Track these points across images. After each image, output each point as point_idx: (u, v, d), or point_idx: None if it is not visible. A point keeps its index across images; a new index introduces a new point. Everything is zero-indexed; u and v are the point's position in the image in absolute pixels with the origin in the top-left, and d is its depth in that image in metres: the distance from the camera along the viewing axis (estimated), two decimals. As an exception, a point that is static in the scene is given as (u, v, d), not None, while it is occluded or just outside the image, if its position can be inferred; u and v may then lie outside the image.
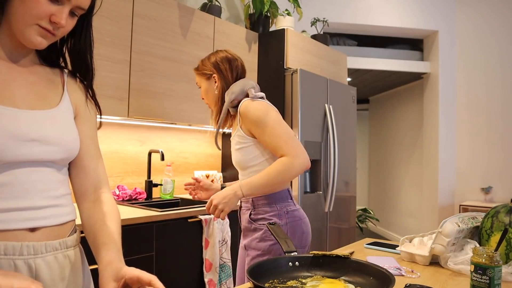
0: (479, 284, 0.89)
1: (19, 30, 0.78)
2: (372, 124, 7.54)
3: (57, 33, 0.81)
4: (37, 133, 0.80)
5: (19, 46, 0.84)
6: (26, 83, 0.84)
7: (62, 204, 0.87)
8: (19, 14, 0.77)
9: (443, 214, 4.82)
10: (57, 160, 0.85)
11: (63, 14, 0.78)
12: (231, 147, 1.56)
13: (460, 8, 4.94)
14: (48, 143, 0.82)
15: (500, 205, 1.21)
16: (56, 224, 0.85)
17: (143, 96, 2.36)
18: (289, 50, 3.07)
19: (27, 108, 0.81)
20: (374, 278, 0.94)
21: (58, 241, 0.85)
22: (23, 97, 0.82)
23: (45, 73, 0.90)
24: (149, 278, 0.71)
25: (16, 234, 0.78)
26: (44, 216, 0.82)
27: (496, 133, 4.62)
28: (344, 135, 3.37)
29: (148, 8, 2.39)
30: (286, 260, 1.02)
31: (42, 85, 0.87)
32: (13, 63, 0.84)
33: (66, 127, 0.87)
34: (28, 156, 0.79)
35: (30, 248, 0.79)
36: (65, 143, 0.85)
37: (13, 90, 0.81)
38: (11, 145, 0.76)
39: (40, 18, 0.77)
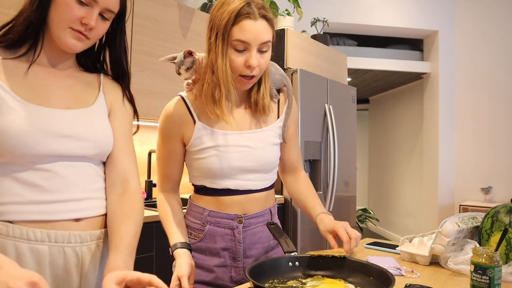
0: (479, 284, 0.89)
1: (56, 35, 0.87)
2: (372, 124, 7.54)
3: (89, 36, 0.88)
4: (70, 130, 0.88)
5: (59, 53, 0.92)
6: (63, 85, 0.93)
7: (100, 196, 0.94)
8: (55, 20, 0.86)
9: (443, 214, 4.82)
10: (90, 155, 0.92)
11: (93, 16, 0.86)
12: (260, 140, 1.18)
13: (460, 8, 4.94)
14: (81, 139, 0.89)
15: (500, 205, 1.21)
16: (98, 214, 0.93)
17: (143, 96, 2.36)
18: (289, 50, 3.07)
19: (63, 107, 0.90)
20: (374, 278, 0.94)
21: (101, 230, 0.94)
22: (60, 98, 0.90)
23: (82, 77, 0.98)
24: (148, 278, 0.73)
25: (63, 224, 0.86)
26: (86, 208, 0.90)
27: (496, 133, 4.62)
28: (344, 135, 3.37)
29: (148, 8, 2.39)
30: (286, 260, 1.02)
31: (79, 87, 0.96)
32: (53, 68, 0.93)
33: (99, 124, 0.94)
34: (61, 150, 0.86)
35: (77, 237, 0.88)
36: (97, 139, 0.92)
37: (51, 92, 0.90)
38: (46, 140, 0.83)
39: (72, 21, 0.85)
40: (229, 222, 1.16)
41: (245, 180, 1.16)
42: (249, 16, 1.04)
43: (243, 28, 1.04)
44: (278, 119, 1.24)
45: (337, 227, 1.13)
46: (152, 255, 2.03)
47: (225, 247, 1.16)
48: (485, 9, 4.75)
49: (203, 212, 1.17)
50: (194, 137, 1.15)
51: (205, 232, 1.16)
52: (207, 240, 1.16)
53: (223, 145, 1.14)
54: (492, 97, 4.67)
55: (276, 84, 1.25)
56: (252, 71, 1.08)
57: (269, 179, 1.22)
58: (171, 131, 1.17)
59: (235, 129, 1.16)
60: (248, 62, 1.07)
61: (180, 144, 1.18)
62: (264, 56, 1.09)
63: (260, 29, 1.05)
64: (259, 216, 1.20)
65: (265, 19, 1.07)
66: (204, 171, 1.15)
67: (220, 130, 1.15)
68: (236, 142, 1.15)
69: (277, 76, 1.24)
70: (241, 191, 1.16)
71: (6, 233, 0.81)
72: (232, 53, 1.07)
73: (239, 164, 1.14)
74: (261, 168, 1.18)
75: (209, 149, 1.14)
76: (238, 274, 1.17)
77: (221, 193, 1.16)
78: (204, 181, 1.17)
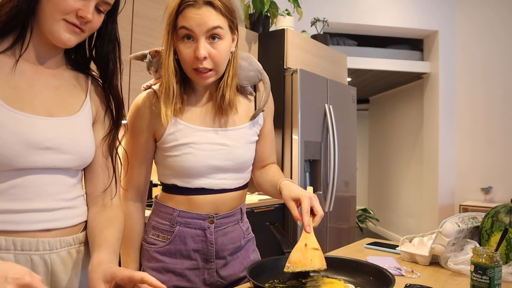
0: (479, 284, 0.89)
1: (48, 28, 0.79)
2: (372, 124, 7.54)
3: (84, 29, 0.82)
4: (52, 142, 0.81)
5: (49, 48, 0.85)
6: (49, 87, 0.85)
7: (74, 206, 0.88)
8: (47, 12, 0.78)
9: (443, 214, 4.81)
10: (70, 167, 0.86)
11: (89, 8, 0.80)
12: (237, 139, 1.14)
13: (460, 8, 4.94)
14: (63, 151, 0.83)
15: (500, 205, 1.21)
16: (71, 225, 0.87)
17: (143, 96, 2.36)
18: (289, 50, 3.07)
19: (46, 115, 0.82)
20: (374, 278, 0.94)
21: (72, 236, 0.87)
22: (44, 102, 0.83)
23: (69, 78, 0.91)
24: (140, 276, 0.70)
25: (31, 234, 0.80)
26: (57, 218, 0.84)
27: (496, 133, 4.62)
28: (344, 135, 3.37)
29: (148, 8, 2.39)
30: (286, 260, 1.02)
31: (65, 90, 0.88)
32: (40, 65, 0.85)
33: (83, 135, 0.88)
34: (41, 163, 0.80)
35: (46, 244, 0.82)
36: (80, 152, 0.86)
37: (35, 94, 0.82)
38: (25, 152, 0.77)
39: (66, 12, 0.78)
40: (200, 222, 1.10)
41: (219, 179, 1.11)
42: (191, 4, 0.99)
43: (186, 16, 1.00)
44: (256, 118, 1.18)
45: (302, 196, 1.02)
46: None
47: (197, 248, 1.10)
48: (485, 9, 4.75)
49: (173, 213, 1.10)
50: (167, 132, 1.08)
51: (174, 233, 1.10)
52: (177, 242, 1.10)
53: (198, 142, 1.08)
54: (492, 97, 4.67)
55: (251, 81, 1.18)
56: (202, 63, 1.01)
57: (244, 178, 1.17)
58: (142, 125, 1.10)
59: (210, 126, 1.11)
60: (195, 53, 1.00)
61: (151, 139, 1.12)
62: (217, 47, 1.02)
63: (204, 15, 0.99)
64: (230, 216, 1.15)
65: (210, 6, 1.00)
66: (177, 169, 1.08)
67: (195, 126, 1.10)
68: (211, 139, 1.10)
69: (252, 72, 1.17)
70: (215, 190, 1.11)
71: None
72: (181, 44, 1.02)
73: (215, 162, 1.09)
74: (237, 167, 1.13)
75: (183, 146, 1.07)
76: (211, 277, 1.12)
77: (194, 193, 1.10)
78: (175, 180, 1.10)
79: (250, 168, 1.20)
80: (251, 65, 1.17)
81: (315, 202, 1.02)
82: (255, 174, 1.28)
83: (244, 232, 1.20)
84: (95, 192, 0.94)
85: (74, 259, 0.87)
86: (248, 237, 1.22)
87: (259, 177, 1.26)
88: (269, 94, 1.21)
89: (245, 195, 1.24)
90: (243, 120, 1.16)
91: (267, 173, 1.23)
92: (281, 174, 1.21)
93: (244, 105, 1.17)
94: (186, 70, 1.06)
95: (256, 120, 1.18)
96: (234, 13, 1.06)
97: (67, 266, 0.86)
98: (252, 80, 1.18)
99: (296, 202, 1.04)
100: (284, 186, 1.10)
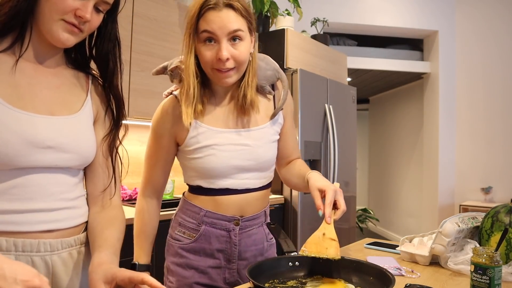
0: (479, 284, 0.89)
1: (47, 28, 0.79)
2: (372, 124, 7.54)
3: (83, 29, 0.81)
4: (53, 141, 0.81)
5: (48, 48, 0.84)
6: (50, 86, 0.85)
7: (76, 206, 0.88)
8: (46, 12, 0.78)
9: (443, 214, 4.81)
10: (72, 166, 0.86)
11: (88, 8, 0.79)
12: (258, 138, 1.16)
13: (460, 8, 4.94)
14: (64, 150, 0.83)
15: (500, 205, 1.21)
16: (70, 226, 0.87)
17: (143, 96, 2.36)
18: (289, 50, 3.07)
19: (47, 113, 0.82)
20: (374, 278, 0.94)
21: (73, 237, 0.87)
22: (45, 101, 0.83)
23: (70, 76, 0.90)
24: (140, 277, 0.70)
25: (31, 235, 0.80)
26: (58, 219, 0.83)
27: (496, 133, 4.62)
28: (344, 135, 3.37)
29: (148, 8, 2.39)
30: (286, 260, 1.02)
31: (66, 88, 0.88)
32: (40, 64, 0.85)
33: (84, 134, 0.88)
34: (42, 162, 0.80)
35: (47, 245, 0.81)
36: (81, 151, 0.86)
37: (36, 93, 0.82)
38: (27, 151, 0.77)
39: (65, 12, 0.78)
40: (225, 224, 1.13)
41: (243, 179, 1.13)
42: (212, 7, 1.02)
43: (207, 19, 1.02)
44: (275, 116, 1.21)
45: (328, 187, 1.05)
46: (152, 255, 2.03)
47: (220, 248, 1.14)
48: (485, 9, 4.75)
49: (200, 212, 1.14)
50: (190, 136, 1.11)
51: (200, 232, 1.13)
52: (202, 240, 1.13)
53: (220, 143, 1.11)
54: (492, 97, 4.67)
55: (269, 80, 1.20)
56: (224, 64, 1.03)
57: (267, 177, 1.20)
58: (164, 129, 1.14)
59: (231, 127, 1.14)
60: (218, 54, 1.02)
61: (172, 143, 1.15)
62: (238, 48, 1.04)
63: (225, 18, 1.01)
64: (255, 219, 1.18)
65: (231, 8, 1.02)
66: (201, 171, 1.12)
67: (217, 128, 1.12)
68: (233, 140, 1.12)
69: (269, 72, 1.19)
70: (239, 190, 1.14)
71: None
72: (202, 46, 1.04)
73: (237, 163, 1.11)
74: (259, 167, 1.15)
75: (205, 148, 1.10)
76: (232, 276, 1.15)
77: (218, 193, 1.13)
78: (200, 181, 1.14)
79: (272, 167, 1.23)
80: (268, 65, 1.19)
81: (340, 196, 1.05)
82: (281, 171, 1.31)
83: (267, 236, 1.23)
84: (95, 192, 0.93)
85: (75, 260, 0.87)
86: (270, 241, 1.24)
87: (285, 173, 1.30)
88: (288, 92, 1.23)
89: (269, 196, 1.26)
90: (264, 120, 1.18)
91: (294, 168, 1.26)
92: (307, 167, 1.23)
93: (264, 104, 1.19)
94: (208, 72, 1.08)
95: (276, 118, 1.21)
96: (252, 15, 1.09)
97: (68, 267, 0.86)
98: (270, 79, 1.20)
99: (321, 192, 1.06)
100: (311, 176, 1.13)
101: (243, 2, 1.06)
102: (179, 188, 2.88)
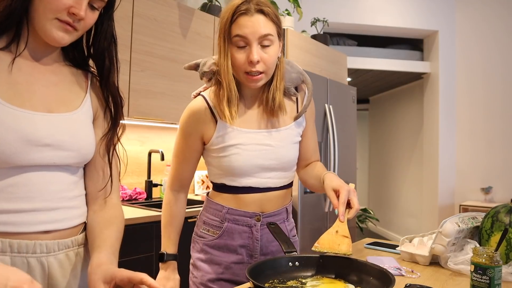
0: (479, 284, 0.89)
1: (41, 28, 0.79)
2: (372, 124, 7.54)
3: (78, 27, 0.81)
4: (51, 138, 0.80)
5: (44, 46, 0.84)
6: (48, 83, 0.85)
7: (75, 206, 0.88)
8: (40, 11, 0.78)
9: (443, 214, 4.82)
10: (70, 164, 0.85)
11: (82, 6, 0.79)
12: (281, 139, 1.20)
13: (460, 8, 4.94)
14: (62, 148, 0.82)
15: (500, 205, 1.21)
16: (68, 227, 0.86)
17: (143, 96, 2.36)
18: (289, 50, 3.07)
19: (46, 111, 0.82)
20: (374, 278, 0.94)
21: (70, 239, 0.86)
22: (43, 98, 0.82)
23: (69, 74, 0.90)
24: (139, 277, 0.70)
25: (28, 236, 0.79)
26: (57, 219, 0.83)
27: (496, 133, 4.62)
28: (344, 135, 3.37)
29: (148, 8, 2.40)
30: (286, 260, 1.02)
31: (65, 86, 0.88)
32: (38, 62, 0.85)
33: (83, 132, 0.87)
34: (41, 160, 0.79)
35: (43, 246, 0.80)
36: (80, 149, 0.85)
37: (34, 91, 0.81)
38: (24, 149, 0.76)
39: (58, 11, 0.77)
40: (247, 220, 1.18)
41: (265, 178, 1.18)
42: (245, 12, 1.07)
43: (240, 24, 1.07)
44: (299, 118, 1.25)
45: (342, 187, 1.07)
46: (152, 255, 2.04)
47: (243, 244, 1.19)
48: (485, 9, 4.75)
49: (222, 210, 1.19)
50: (216, 135, 1.16)
51: (223, 229, 1.18)
52: (225, 237, 1.18)
53: (244, 143, 1.15)
54: (492, 97, 4.67)
55: (293, 83, 1.24)
56: (255, 67, 1.09)
57: (288, 177, 1.24)
58: (192, 128, 1.19)
59: (256, 128, 1.19)
60: (249, 57, 1.08)
61: (199, 142, 1.20)
62: (268, 51, 1.10)
63: (256, 23, 1.07)
64: (276, 215, 1.22)
65: (262, 13, 1.08)
66: (225, 169, 1.16)
67: (242, 128, 1.17)
68: (257, 140, 1.17)
69: (293, 74, 1.24)
70: (261, 189, 1.18)
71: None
72: (234, 50, 1.10)
73: (260, 162, 1.16)
74: (281, 166, 1.19)
75: (230, 147, 1.15)
76: None
77: (241, 191, 1.18)
78: (224, 179, 1.19)
79: (294, 167, 1.28)
80: (292, 68, 1.24)
81: (353, 196, 1.07)
82: (300, 172, 1.35)
83: (289, 232, 1.27)
84: (94, 191, 0.93)
85: (72, 262, 0.86)
86: (293, 238, 1.29)
87: (303, 174, 1.34)
88: (311, 95, 1.28)
89: (290, 194, 1.31)
90: (288, 121, 1.23)
91: (312, 170, 1.29)
92: (324, 169, 1.27)
93: (288, 106, 1.24)
94: (238, 74, 1.13)
95: (300, 121, 1.25)
96: (280, 20, 1.14)
97: (65, 269, 0.85)
98: (295, 82, 1.25)
99: (336, 192, 1.09)
100: (327, 177, 1.16)
101: (273, 8, 1.11)
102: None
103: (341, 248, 0.99)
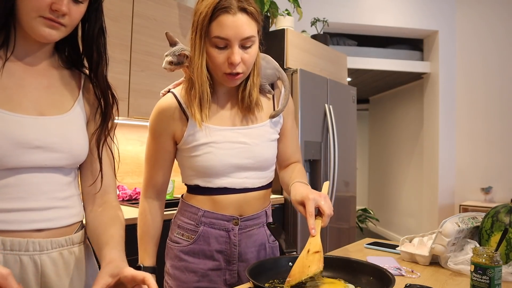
0: (479, 284, 0.89)
1: (28, 26, 0.79)
2: (372, 124, 7.54)
3: (64, 22, 0.80)
4: (42, 140, 0.80)
5: (35, 46, 0.84)
6: (39, 86, 0.85)
7: (68, 205, 0.87)
8: (23, 10, 0.77)
9: (443, 214, 4.82)
10: (62, 165, 0.85)
11: (63, 1, 0.78)
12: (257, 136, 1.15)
13: (460, 8, 4.94)
14: (53, 150, 0.82)
15: (500, 205, 1.21)
16: (63, 225, 0.86)
17: (143, 96, 2.36)
18: (289, 50, 3.07)
19: (37, 114, 0.82)
20: (374, 278, 0.94)
21: (64, 238, 0.86)
22: (34, 101, 0.82)
23: (61, 76, 0.90)
24: (142, 276, 0.71)
25: (21, 234, 0.79)
26: (49, 218, 0.83)
27: (496, 133, 4.62)
28: (344, 135, 3.37)
29: (148, 8, 2.39)
30: (286, 260, 1.02)
31: (56, 88, 0.88)
32: (29, 65, 0.84)
33: (75, 134, 0.87)
34: (32, 162, 0.80)
35: (36, 244, 0.81)
36: (71, 150, 0.85)
37: (24, 94, 0.81)
38: (15, 152, 0.77)
39: (41, 8, 0.77)
40: (224, 223, 1.11)
41: (241, 178, 1.11)
42: (226, 10, 0.98)
43: (221, 24, 0.99)
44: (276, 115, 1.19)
45: (306, 199, 0.99)
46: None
47: (220, 249, 1.12)
48: (485, 9, 4.75)
49: (197, 212, 1.12)
50: (187, 133, 1.10)
51: (198, 233, 1.11)
52: (201, 242, 1.11)
53: (217, 141, 1.09)
54: (492, 97, 4.67)
55: (269, 79, 1.18)
56: (235, 68, 1.03)
57: (266, 177, 1.17)
58: (161, 127, 1.12)
59: (229, 125, 1.12)
60: (230, 59, 1.01)
61: (171, 142, 1.13)
62: (249, 52, 1.03)
63: (240, 24, 0.99)
64: (255, 218, 1.16)
65: (245, 12, 1.00)
66: (198, 169, 1.10)
67: (215, 126, 1.11)
68: (231, 138, 1.10)
69: (269, 70, 1.17)
70: (237, 189, 1.11)
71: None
72: (213, 50, 1.03)
73: (235, 161, 1.09)
74: (258, 165, 1.13)
75: (203, 146, 1.08)
76: (233, 277, 1.14)
77: (216, 192, 1.11)
78: (198, 180, 1.12)
79: (273, 167, 1.21)
80: (268, 64, 1.18)
81: (321, 201, 0.99)
82: (280, 174, 1.28)
83: (268, 238, 1.20)
84: (93, 191, 0.93)
85: (65, 261, 0.86)
86: (273, 243, 1.22)
87: (282, 177, 1.26)
88: (289, 93, 1.21)
89: (269, 196, 1.23)
90: (264, 118, 1.17)
91: (289, 174, 1.22)
92: (297, 175, 1.18)
93: (264, 103, 1.17)
94: (217, 74, 1.07)
95: (277, 118, 1.19)
96: (260, 16, 1.07)
97: (58, 267, 0.85)
98: (270, 78, 1.18)
99: (303, 205, 1.01)
100: (292, 189, 1.09)
101: (255, 6, 1.03)
102: (179, 188, 2.88)
103: (310, 270, 0.90)
